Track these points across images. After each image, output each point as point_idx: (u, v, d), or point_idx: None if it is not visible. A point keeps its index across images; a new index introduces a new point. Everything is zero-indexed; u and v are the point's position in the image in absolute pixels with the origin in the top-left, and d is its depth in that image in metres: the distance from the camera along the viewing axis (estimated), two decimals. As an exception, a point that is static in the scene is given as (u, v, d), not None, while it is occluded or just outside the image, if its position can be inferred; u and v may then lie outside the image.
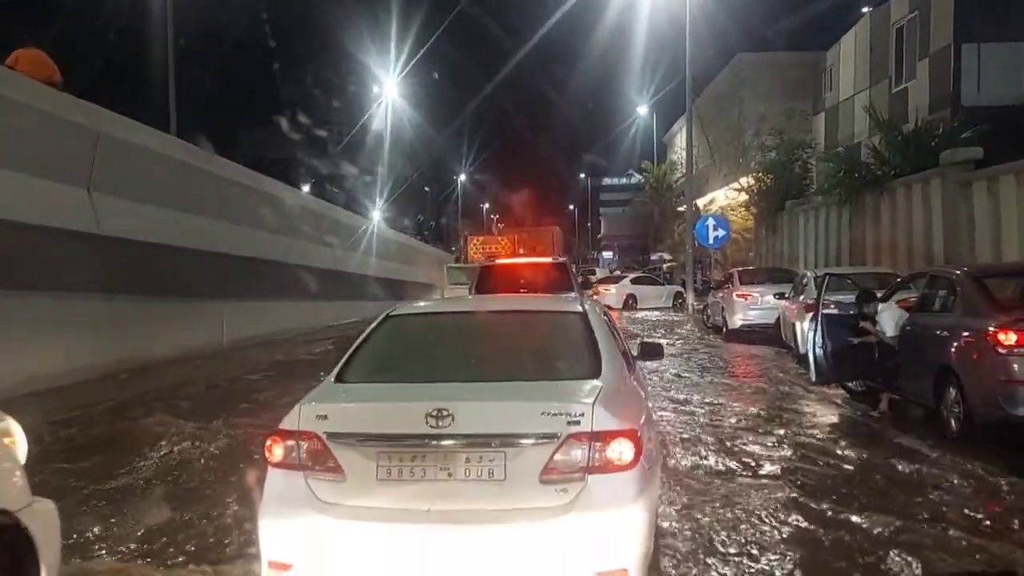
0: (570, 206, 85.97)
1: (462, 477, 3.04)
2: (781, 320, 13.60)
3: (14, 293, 8.61)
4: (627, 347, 4.65)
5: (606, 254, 73.02)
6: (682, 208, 32.71)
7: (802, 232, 22.17)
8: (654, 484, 3.39)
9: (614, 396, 3.34)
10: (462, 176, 67.37)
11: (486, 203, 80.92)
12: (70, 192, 9.48)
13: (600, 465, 3.02)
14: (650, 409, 4.20)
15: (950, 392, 6.71)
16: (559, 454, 3.03)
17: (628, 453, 3.05)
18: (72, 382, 9.16)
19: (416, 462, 3.08)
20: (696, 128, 25.80)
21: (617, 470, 3.04)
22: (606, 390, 3.32)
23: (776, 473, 5.83)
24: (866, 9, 24.30)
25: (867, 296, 8.39)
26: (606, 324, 4.20)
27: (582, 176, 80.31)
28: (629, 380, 3.90)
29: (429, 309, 5.17)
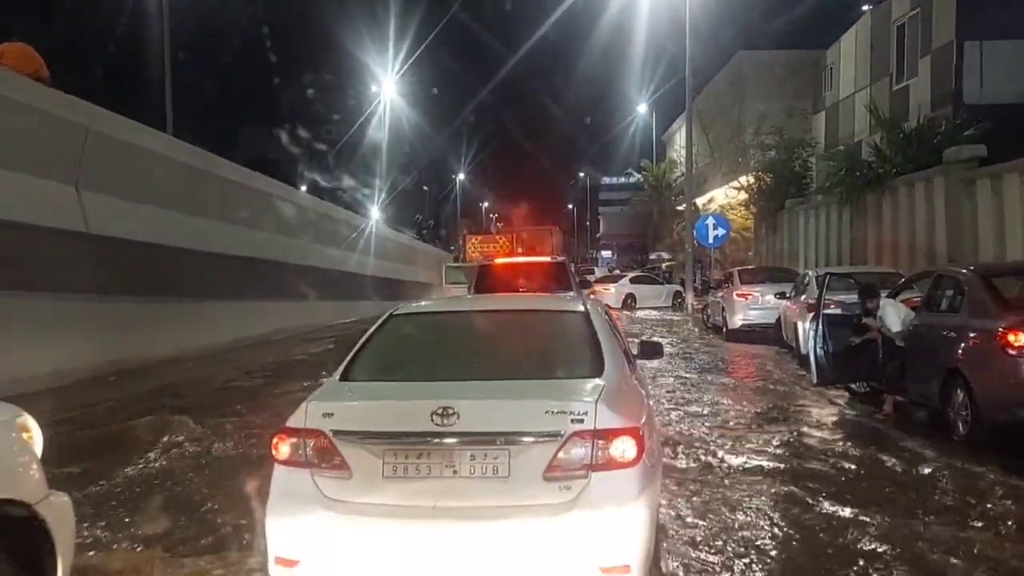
0: (569, 205, 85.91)
1: (467, 474, 3.07)
2: (782, 320, 13.48)
3: (2, 292, 8.43)
4: (628, 346, 4.63)
5: (605, 253, 72.95)
6: (681, 207, 32.61)
7: (802, 231, 22.04)
8: (656, 482, 3.43)
9: (616, 395, 3.36)
10: (461, 175, 67.27)
11: (485, 202, 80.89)
12: (58, 190, 9.31)
13: (603, 463, 3.05)
14: (651, 408, 4.20)
15: (957, 394, 6.57)
16: (563, 452, 3.05)
17: (631, 451, 3.07)
18: (62, 384, 8.93)
19: (422, 459, 3.11)
20: (696, 126, 25.66)
21: (620, 467, 3.06)
22: (608, 389, 3.34)
23: (781, 478, 5.66)
24: (867, 7, 24.14)
25: (870, 291, 8.22)
26: (607, 323, 4.23)
27: (581, 175, 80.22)
28: (631, 379, 3.91)
29: (433, 308, 5.17)
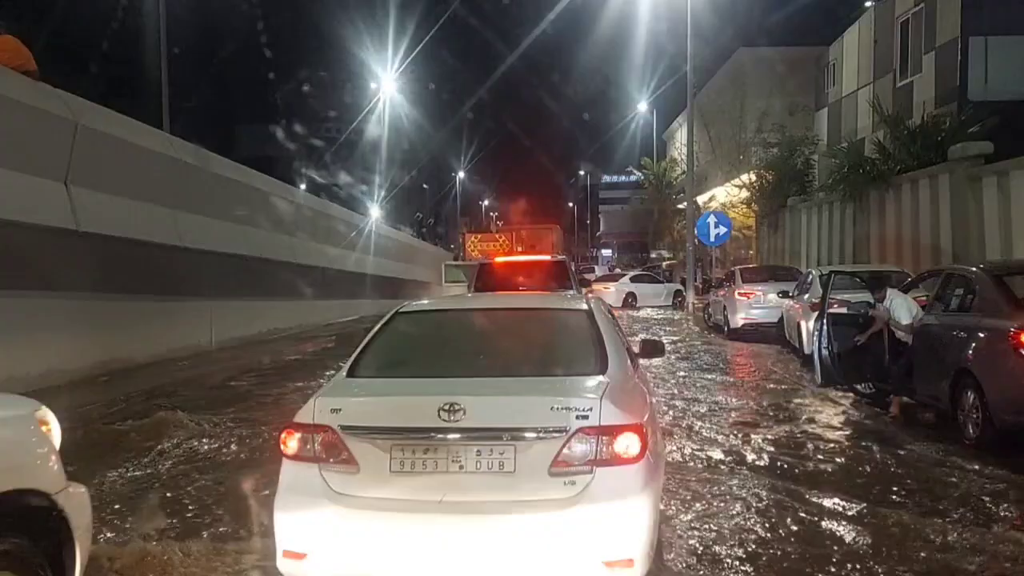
0: (569, 204, 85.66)
1: (473, 469, 3.11)
2: (785, 319, 13.29)
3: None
4: (630, 344, 4.63)
5: (605, 252, 72.82)
6: (682, 205, 32.38)
7: (804, 229, 21.85)
8: (659, 477, 3.48)
9: (620, 391, 3.39)
10: (461, 173, 67.00)
11: (485, 200, 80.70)
12: (46, 186, 9.08)
13: (607, 458, 3.08)
14: (654, 405, 4.20)
15: (967, 396, 6.39)
16: (567, 447, 3.09)
17: (634, 447, 3.10)
18: (53, 385, 8.65)
19: (428, 454, 3.14)
20: (697, 124, 25.44)
21: (624, 463, 3.09)
22: (612, 386, 3.37)
23: (787, 481, 5.48)
24: (869, 3, 23.93)
25: (878, 281, 8.00)
26: (610, 322, 4.26)
27: (581, 173, 79.94)
28: (633, 377, 3.92)
29: (438, 306, 5.22)
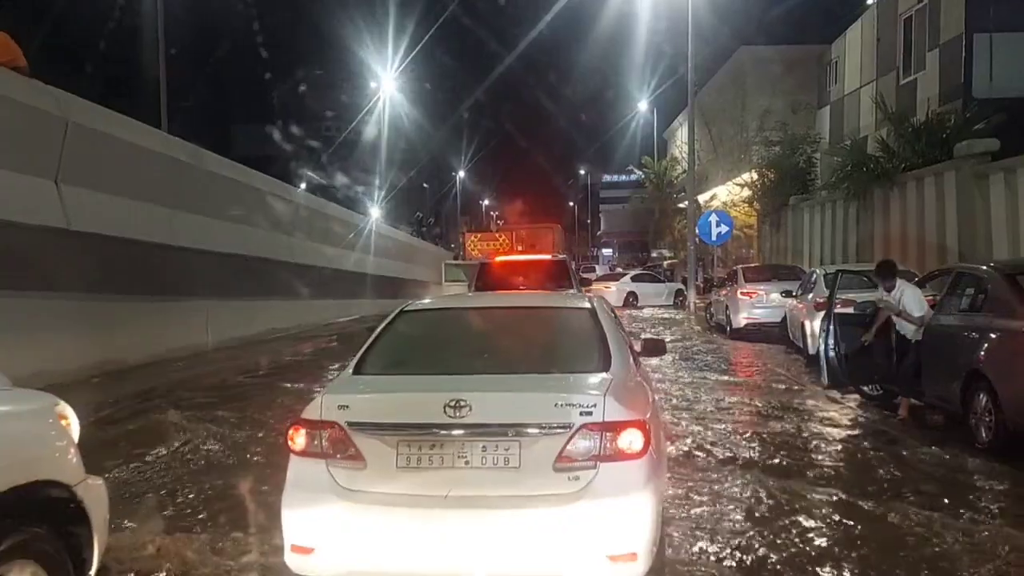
0: (570, 203, 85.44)
1: (479, 465, 3.14)
2: (788, 319, 13.12)
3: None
4: (631, 343, 4.63)
5: (606, 251, 72.65)
6: (683, 204, 32.18)
7: (807, 228, 21.66)
8: (661, 473, 3.53)
9: (623, 388, 3.42)
10: (461, 173, 66.78)
11: (485, 200, 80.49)
12: (36, 184, 8.89)
13: (611, 454, 3.11)
14: (656, 402, 4.19)
15: (980, 398, 6.20)
16: (572, 443, 3.12)
17: (637, 442, 3.13)
18: (43, 387, 8.52)
19: (435, 450, 3.18)
20: (698, 122, 25.25)
21: (627, 459, 3.12)
22: (616, 383, 3.40)
23: (794, 485, 5.31)
24: (871, 0, 23.73)
25: (889, 268, 7.73)
26: (613, 320, 4.30)
27: (582, 172, 79.72)
28: (636, 374, 3.95)
29: (443, 305, 5.22)
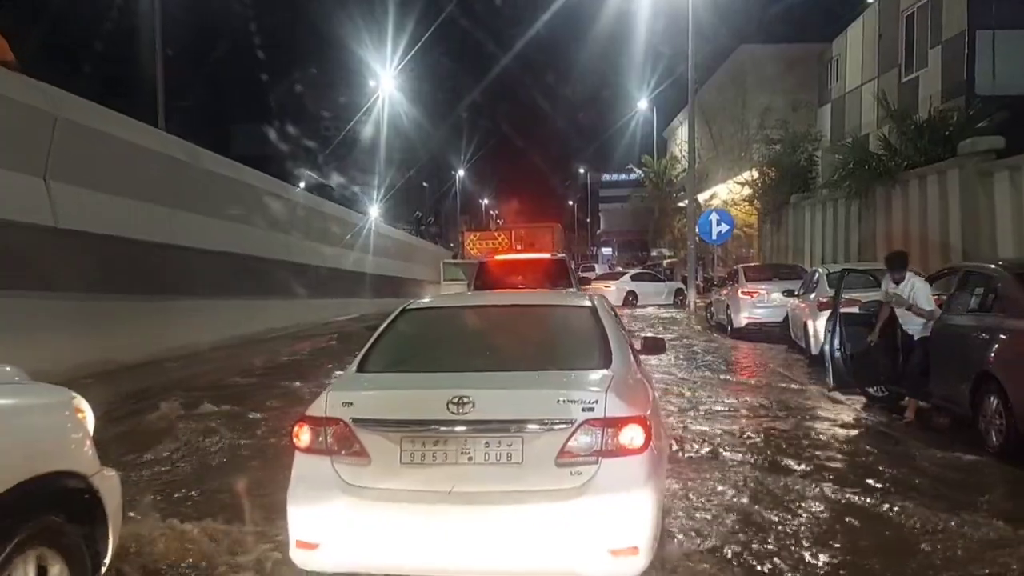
0: (569, 202, 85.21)
1: (482, 460, 3.18)
2: (790, 319, 12.97)
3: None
4: (631, 340, 4.65)
5: (605, 250, 72.47)
6: (683, 203, 32.00)
7: (808, 226, 21.48)
8: (662, 468, 3.57)
9: (624, 385, 3.45)
10: (461, 172, 66.57)
11: (485, 199, 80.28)
12: (23, 181, 8.71)
13: (612, 449, 3.15)
14: (656, 398, 4.22)
15: (990, 401, 6.04)
16: (574, 439, 3.16)
17: (639, 438, 3.17)
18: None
19: (438, 446, 3.21)
20: (698, 121, 25.07)
21: (628, 454, 3.16)
22: (617, 379, 3.43)
23: (800, 490, 5.15)
24: (872, -2, 23.57)
25: (900, 259, 7.52)
26: (613, 318, 4.35)
27: (581, 171, 79.48)
28: (637, 371, 3.97)
29: (445, 303, 5.27)
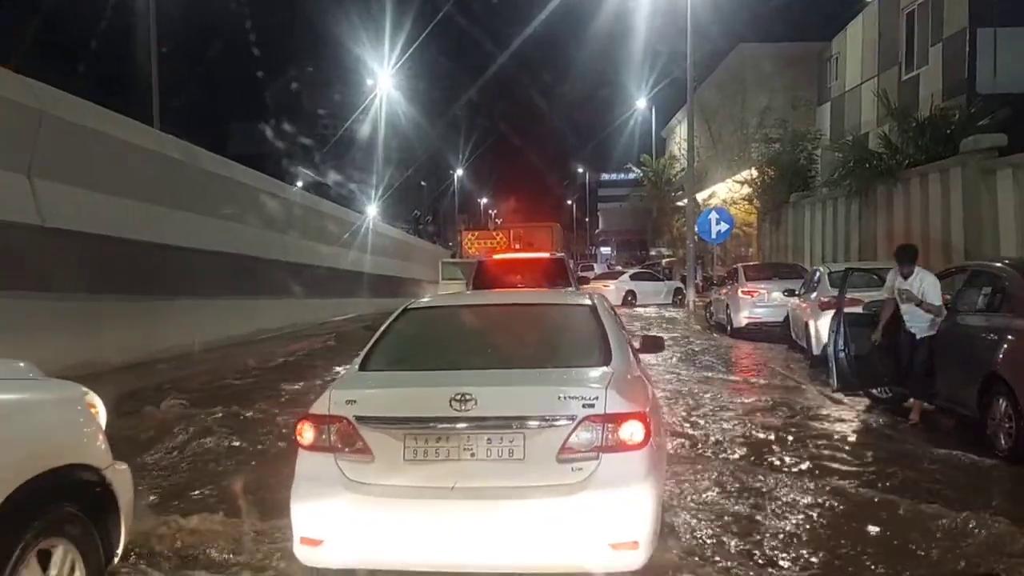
0: (568, 201, 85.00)
1: (484, 456, 3.21)
2: (791, 319, 12.79)
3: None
4: (631, 339, 4.66)
5: (604, 249, 72.30)
6: (682, 203, 31.82)
7: (808, 225, 21.32)
8: (661, 464, 3.62)
9: (624, 382, 3.49)
10: (459, 171, 66.36)
11: (483, 198, 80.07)
12: (6, 178, 8.52)
13: (613, 445, 3.18)
14: (656, 395, 4.22)
15: (999, 403, 5.87)
16: (575, 435, 3.19)
17: (638, 434, 3.20)
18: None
19: (441, 443, 3.24)
20: (697, 119, 24.90)
21: (628, 449, 3.19)
22: (617, 376, 3.47)
23: (807, 495, 4.98)
24: (873, -5, 23.40)
25: (911, 252, 7.32)
26: (613, 316, 4.37)
27: (580, 171, 79.29)
28: (636, 368, 3.98)
29: (446, 302, 5.28)
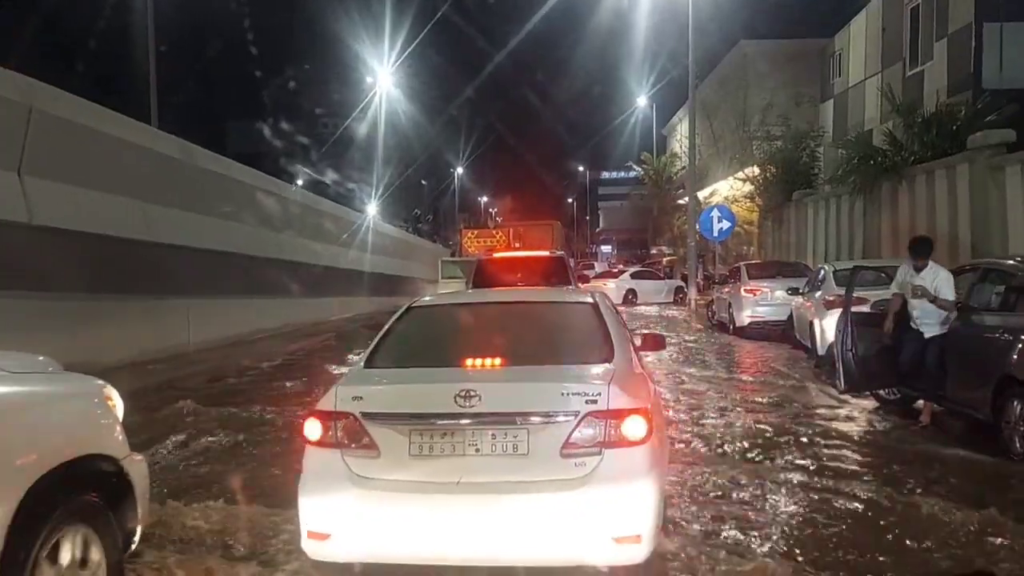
0: (568, 200, 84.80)
1: (488, 452, 3.25)
2: (795, 318, 12.61)
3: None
4: (632, 336, 4.69)
5: (605, 248, 72.19)
6: (683, 201, 31.65)
7: (811, 223, 21.13)
8: (663, 459, 3.65)
9: (626, 378, 3.53)
10: (459, 169, 66.12)
11: (484, 197, 79.86)
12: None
13: (615, 440, 3.22)
14: (657, 391, 4.22)
15: (1013, 405, 5.68)
16: (578, 430, 3.23)
17: (641, 429, 3.24)
18: None
19: (446, 439, 3.28)
20: (698, 117, 24.73)
21: (631, 445, 3.23)
22: (619, 373, 3.53)
23: (812, 500, 4.81)
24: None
25: (926, 245, 7.14)
26: (614, 314, 4.40)
27: (580, 169, 79.10)
28: (638, 364, 4.02)
29: (450, 300, 5.34)
